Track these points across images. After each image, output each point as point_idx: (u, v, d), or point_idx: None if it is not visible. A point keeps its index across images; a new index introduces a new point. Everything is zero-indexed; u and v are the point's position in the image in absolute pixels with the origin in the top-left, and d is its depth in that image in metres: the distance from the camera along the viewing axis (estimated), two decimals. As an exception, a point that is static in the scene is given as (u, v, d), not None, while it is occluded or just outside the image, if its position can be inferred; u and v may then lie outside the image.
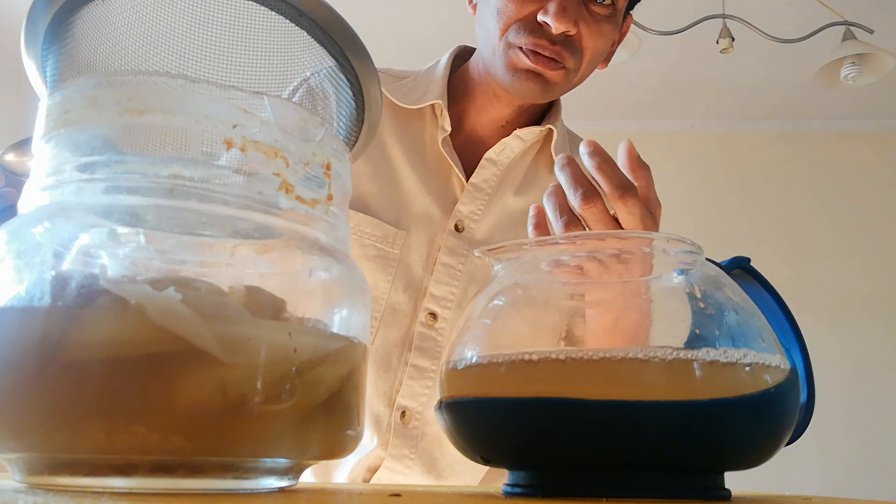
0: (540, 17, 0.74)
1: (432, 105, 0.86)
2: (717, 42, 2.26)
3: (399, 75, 0.90)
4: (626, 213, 0.56)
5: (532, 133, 0.86)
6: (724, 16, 2.28)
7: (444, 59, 0.89)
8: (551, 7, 0.73)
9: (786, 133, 3.54)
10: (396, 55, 0.96)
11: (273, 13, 0.43)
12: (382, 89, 0.88)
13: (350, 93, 0.45)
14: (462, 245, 0.83)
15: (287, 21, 0.43)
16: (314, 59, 0.44)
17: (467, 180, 0.84)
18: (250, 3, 0.42)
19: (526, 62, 0.75)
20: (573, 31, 0.75)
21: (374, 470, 0.82)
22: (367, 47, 0.44)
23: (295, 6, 0.42)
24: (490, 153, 0.85)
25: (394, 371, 0.82)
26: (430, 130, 0.86)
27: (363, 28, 0.47)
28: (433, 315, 0.82)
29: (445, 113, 0.83)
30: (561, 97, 0.88)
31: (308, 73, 0.45)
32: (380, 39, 2.54)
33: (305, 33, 0.43)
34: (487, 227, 0.84)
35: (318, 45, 0.44)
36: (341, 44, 0.43)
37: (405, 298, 0.82)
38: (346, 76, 0.45)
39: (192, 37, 0.40)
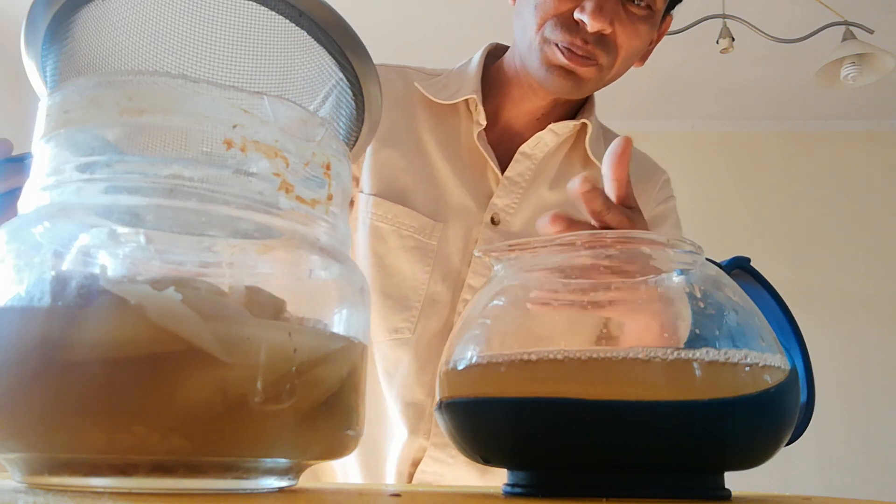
0: (576, 15, 0.75)
1: (466, 100, 0.87)
2: (717, 42, 2.26)
3: (432, 73, 0.92)
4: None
5: (566, 127, 0.86)
6: (724, 16, 2.28)
7: (477, 56, 0.90)
8: (588, 5, 0.74)
9: (786, 133, 3.54)
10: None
11: (273, 13, 0.43)
12: (418, 85, 0.89)
13: (350, 93, 0.45)
14: (498, 237, 0.84)
15: (287, 21, 0.43)
16: (314, 59, 0.44)
17: (502, 174, 0.85)
18: (250, 3, 0.42)
19: (560, 59, 0.77)
20: (608, 31, 0.76)
21: (417, 463, 0.82)
22: (367, 48, 0.44)
23: (295, 6, 0.42)
24: (524, 147, 0.85)
25: (434, 361, 0.82)
26: (465, 125, 0.87)
27: (363, 28, 0.47)
28: None
29: (480, 107, 0.84)
30: (594, 93, 0.89)
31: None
32: (379, 40, 2.54)
33: (305, 33, 0.43)
34: (523, 220, 0.85)
35: (318, 45, 0.44)
36: (341, 44, 0.43)
37: (444, 289, 0.82)
38: (345, 76, 0.45)
39: (192, 37, 0.40)
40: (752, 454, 0.34)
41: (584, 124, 0.88)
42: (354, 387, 0.36)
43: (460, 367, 0.37)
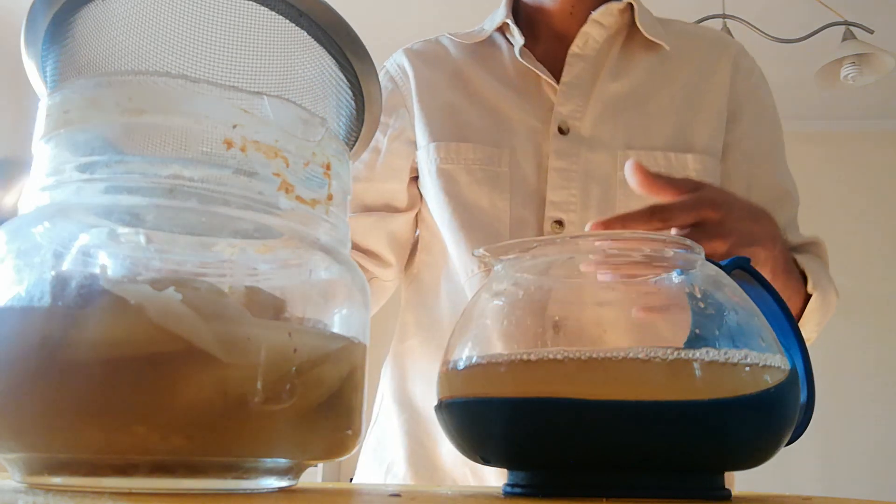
0: None
1: (501, 30, 0.86)
2: (717, 42, 2.25)
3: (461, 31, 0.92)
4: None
5: (609, 15, 0.83)
6: (724, 16, 2.28)
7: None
8: None
9: (786, 133, 3.54)
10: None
11: (273, 13, 0.43)
12: (451, 36, 0.88)
13: (350, 93, 0.45)
14: (571, 146, 0.81)
15: (287, 21, 0.43)
16: (314, 59, 0.44)
17: (558, 83, 0.83)
18: (250, 3, 0.42)
19: None
20: None
21: None
22: (367, 47, 0.44)
23: (295, 6, 0.42)
24: (573, 48, 0.83)
25: None
26: (507, 52, 0.86)
27: (363, 28, 0.47)
28: (559, 223, 0.79)
29: (514, 27, 0.83)
30: None
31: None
32: (379, 38, 2.54)
33: (305, 33, 0.43)
34: (593, 121, 0.82)
35: (318, 45, 0.44)
36: (341, 44, 0.43)
37: (528, 213, 0.80)
38: (345, 76, 0.45)
39: (192, 37, 0.40)
40: (752, 454, 0.34)
41: (630, 5, 0.84)
42: (354, 387, 0.36)
43: (460, 367, 0.37)
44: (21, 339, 0.29)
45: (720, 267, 0.40)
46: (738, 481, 0.40)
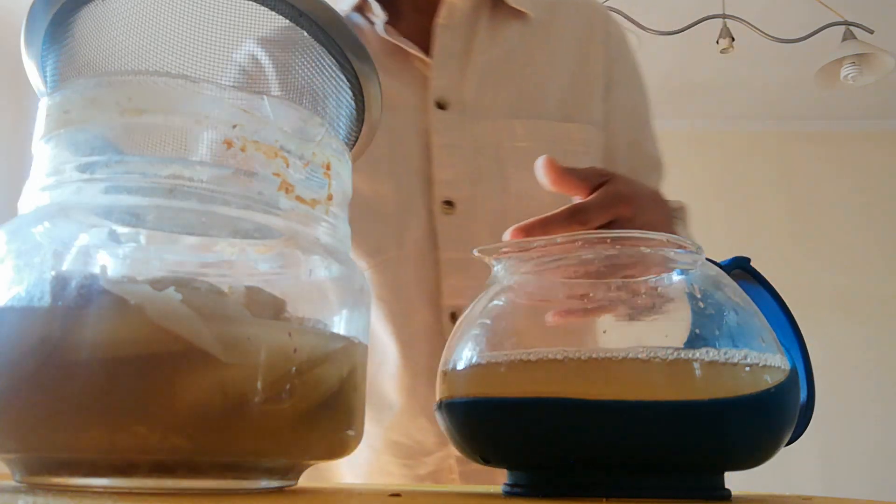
0: None
1: (361, 11, 0.82)
2: (717, 42, 2.26)
3: None
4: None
5: None
6: (724, 16, 2.28)
7: None
8: None
9: (786, 133, 3.54)
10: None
11: (273, 13, 0.43)
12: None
13: (350, 93, 0.45)
14: (453, 120, 0.77)
15: (287, 21, 0.43)
16: (314, 59, 0.44)
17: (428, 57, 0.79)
18: (250, 3, 0.42)
19: None
20: None
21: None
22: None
23: (295, 6, 0.42)
24: (439, 20, 0.79)
25: (430, 273, 0.75)
26: (368, 31, 0.82)
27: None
28: (449, 203, 0.76)
29: (375, 4, 0.79)
30: None
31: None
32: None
33: (305, 33, 0.43)
34: (473, 92, 0.79)
35: (318, 45, 0.44)
36: (341, 44, 0.43)
37: (415, 195, 0.76)
38: (346, 76, 0.45)
39: (192, 37, 0.40)
40: (752, 454, 0.34)
41: None
42: (354, 387, 0.36)
43: (460, 368, 0.37)
44: (21, 339, 0.29)
45: (720, 267, 0.40)
46: (739, 481, 0.40)
